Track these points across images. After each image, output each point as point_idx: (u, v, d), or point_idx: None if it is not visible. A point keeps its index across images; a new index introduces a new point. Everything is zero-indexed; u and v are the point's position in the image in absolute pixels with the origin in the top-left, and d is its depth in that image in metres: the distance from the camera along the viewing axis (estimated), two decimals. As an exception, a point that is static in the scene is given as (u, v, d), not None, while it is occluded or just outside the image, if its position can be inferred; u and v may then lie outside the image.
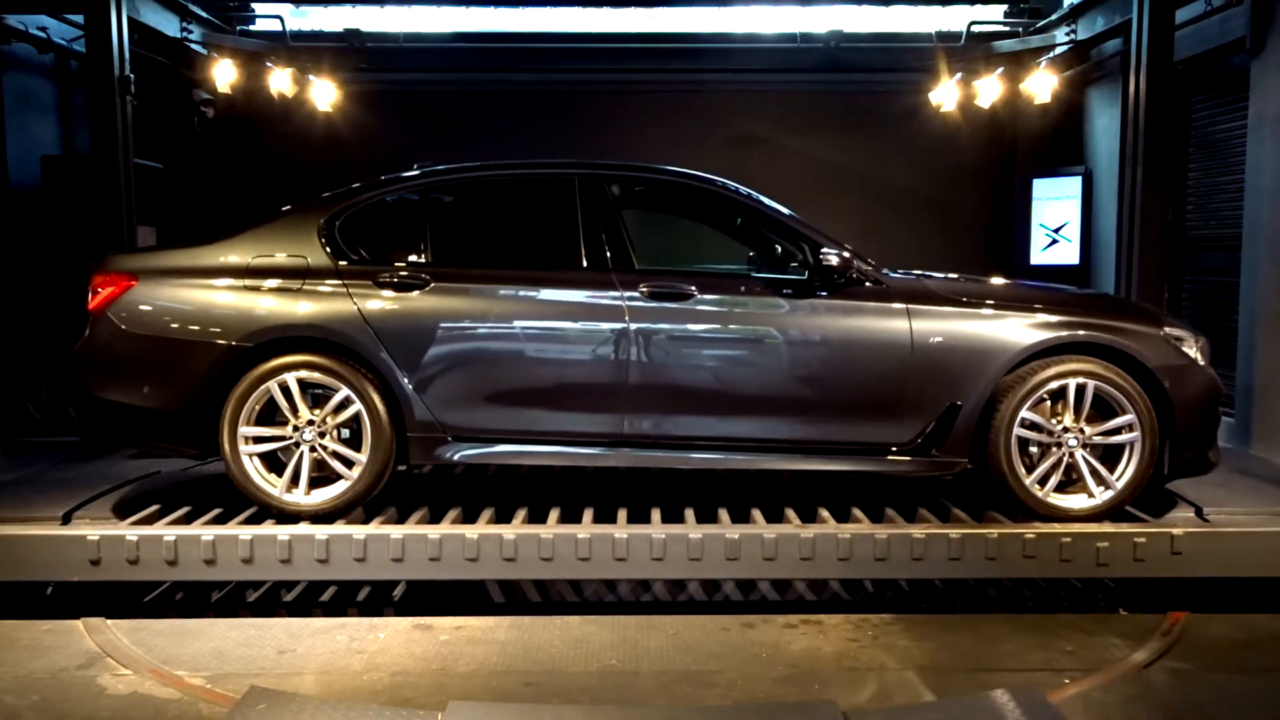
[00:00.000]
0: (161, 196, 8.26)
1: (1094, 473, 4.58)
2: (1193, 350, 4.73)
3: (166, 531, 4.20)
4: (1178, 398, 4.60)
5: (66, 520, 4.71)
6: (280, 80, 8.96)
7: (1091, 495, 4.58)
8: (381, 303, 4.57)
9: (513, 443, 4.63)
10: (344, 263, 4.66)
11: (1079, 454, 4.57)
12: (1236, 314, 6.78)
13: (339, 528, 4.30)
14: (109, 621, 4.04)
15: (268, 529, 4.29)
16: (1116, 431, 4.57)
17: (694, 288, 4.63)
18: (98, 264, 4.81)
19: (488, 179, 5.03)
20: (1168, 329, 4.76)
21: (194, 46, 8.76)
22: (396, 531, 4.17)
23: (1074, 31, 8.80)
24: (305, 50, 9.41)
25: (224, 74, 8.64)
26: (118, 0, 6.98)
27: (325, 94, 9.25)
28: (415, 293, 4.60)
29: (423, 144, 9.83)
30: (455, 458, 4.62)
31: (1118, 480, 4.57)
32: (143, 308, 4.61)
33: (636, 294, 4.59)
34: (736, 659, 3.73)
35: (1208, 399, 4.71)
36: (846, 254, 4.58)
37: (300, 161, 9.84)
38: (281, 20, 9.60)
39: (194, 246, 4.80)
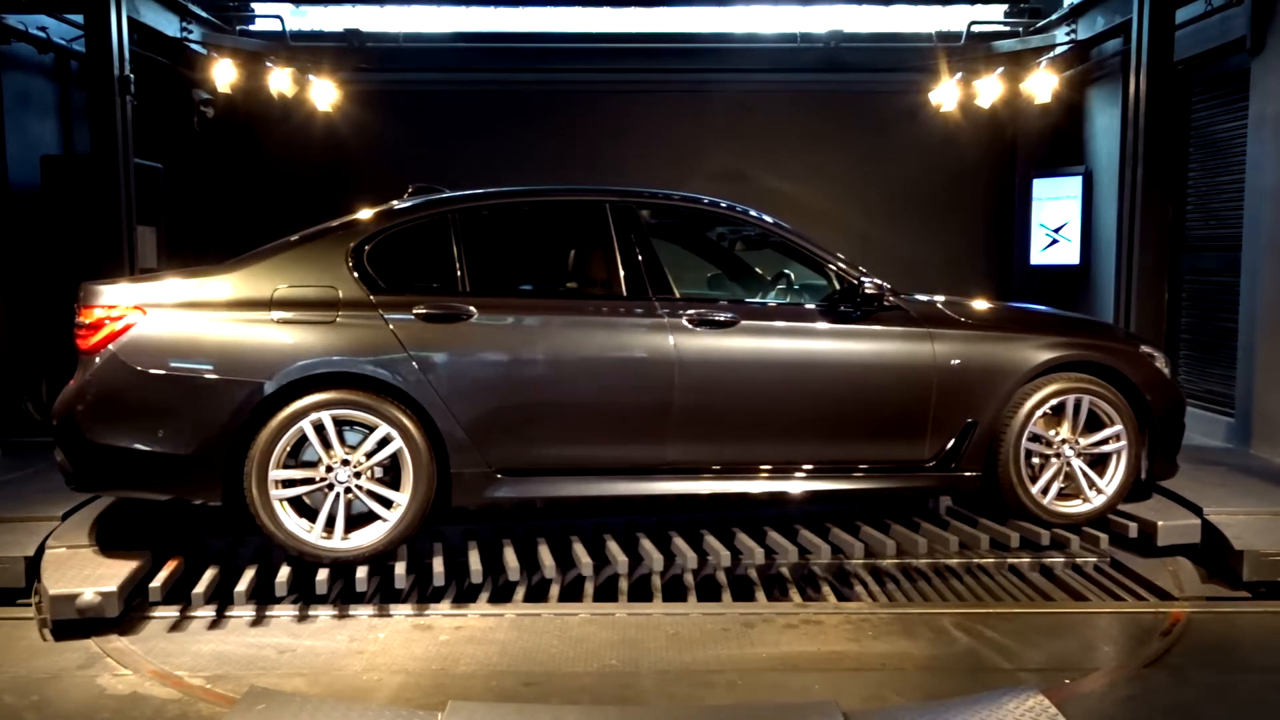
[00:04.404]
0: (161, 196, 8.25)
1: (1088, 480, 4.87)
2: (1164, 366, 5.12)
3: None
4: (1157, 409, 4.96)
5: (65, 520, 4.71)
6: (280, 80, 8.95)
7: (1088, 500, 4.88)
8: (424, 335, 4.37)
9: (562, 476, 4.53)
10: (378, 293, 4.42)
11: (1075, 463, 4.87)
12: (1236, 314, 6.78)
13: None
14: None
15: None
16: (1105, 442, 4.88)
17: (735, 315, 4.64)
18: (85, 295, 4.36)
19: (523, 204, 4.94)
20: (1144, 347, 5.17)
21: (194, 46, 8.76)
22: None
23: (1074, 31, 8.80)
24: (305, 50, 9.40)
25: (224, 74, 8.64)
26: (118, 0, 6.98)
27: (325, 94, 9.24)
28: (459, 324, 4.43)
29: (422, 144, 9.85)
30: (503, 495, 4.46)
31: (1108, 486, 4.87)
32: (156, 344, 4.24)
33: (681, 321, 4.57)
34: (736, 659, 3.73)
35: (1178, 410, 5.12)
36: (879, 281, 4.72)
37: (300, 161, 9.85)
38: (281, 20, 9.60)
39: (205, 274, 4.44)
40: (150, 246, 7.96)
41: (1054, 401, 4.80)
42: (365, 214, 4.71)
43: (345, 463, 4.28)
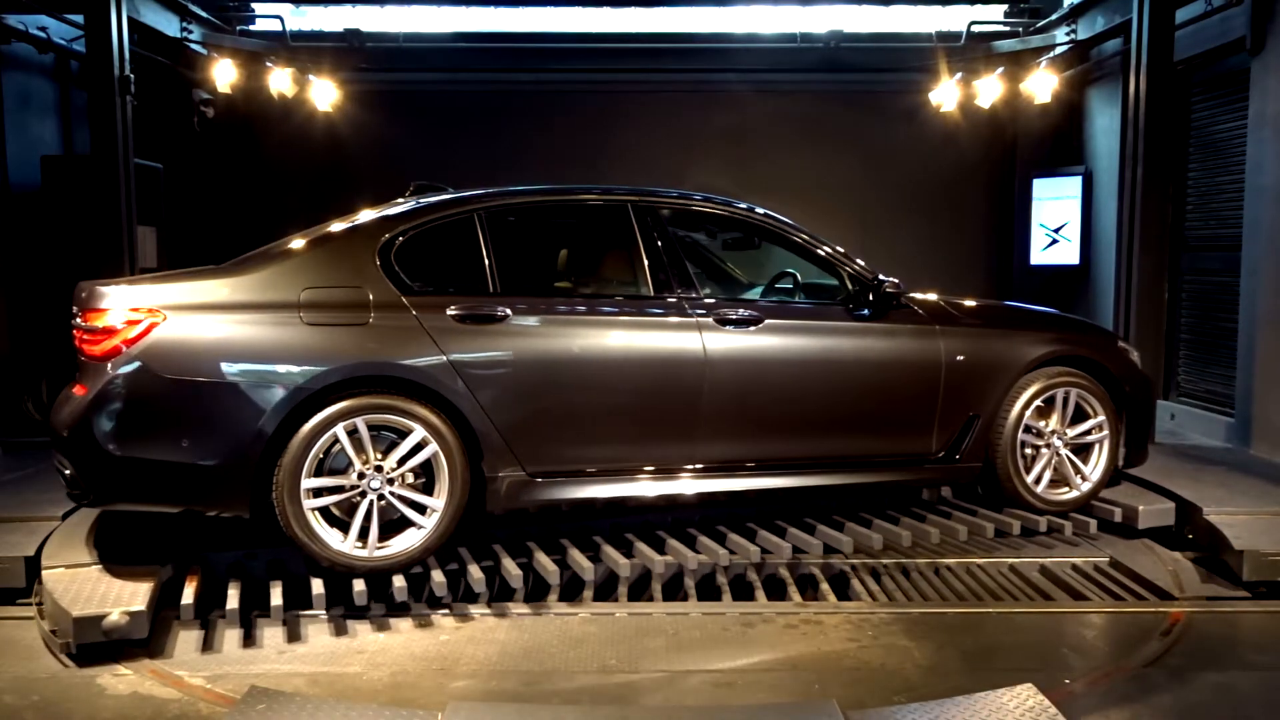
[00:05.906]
0: (161, 196, 8.25)
1: (1075, 468, 5.14)
2: (1138, 359, 5.44)
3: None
4: (1135, 400, 5.26)
5: (64, 520, 4.71)
6: (280, 80, 8.96)
7: (1076, 488, 5.14)
8: (459, 336, 4.28)
9: (595, 478, 4.49)
10: (408, 293, 4.30)
11: (1063, 453, 5.12)
12: (1236, 314, 6.78)
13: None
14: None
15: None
16: (1090, 432, 5.14)
17: (759, 314, 4.69)
18: (90, 297, 4.09)
19: (552, 203, 4.92)
20: (1120, 342, 5.48)
21: (194, 46, 8.77)
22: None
23: (1074, 31, 8.81)
24: (305, 50, 9.41)
25: (224, 74, 8.65)
26: (118, 0, 6.98)
27: (325, 94, 9.25)
28: (494, 324, 4.34)
29: (422, 144, 9.85)
30: (537, 498, 4.42)
31: (1093, 473, 5.15)
32: (180, 349, 4.02)
33: (709, 320, 4.60)
34: (737, 659, 3.73)
35: (1151, 401, 5.47)
36: (896, 280, 4.84)
37: (300, 161, 9.86)
38: (281, 20, 9.60)
39: (222, 275, 4.24)
40: (150, 246, 7.97)
41: (1046, 395, 5.03)
42: (386, 211, 4.55)
43: (379, 469, 4.16)
